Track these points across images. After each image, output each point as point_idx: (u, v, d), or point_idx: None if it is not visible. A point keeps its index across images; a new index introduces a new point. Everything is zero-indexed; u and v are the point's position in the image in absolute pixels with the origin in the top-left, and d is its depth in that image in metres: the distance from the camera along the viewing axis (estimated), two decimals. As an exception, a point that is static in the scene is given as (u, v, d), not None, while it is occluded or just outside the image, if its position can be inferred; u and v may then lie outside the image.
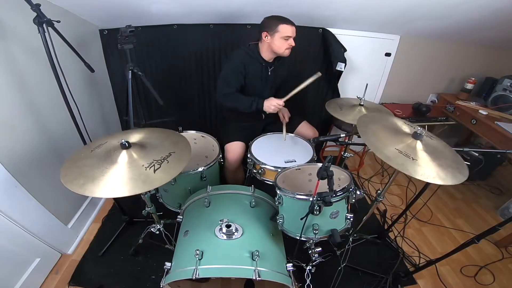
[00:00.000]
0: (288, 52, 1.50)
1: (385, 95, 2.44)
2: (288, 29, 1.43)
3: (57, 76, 1.13)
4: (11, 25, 1.17)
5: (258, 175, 1.46)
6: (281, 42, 1.45)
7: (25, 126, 1.29)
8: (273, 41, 1.46)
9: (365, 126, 1.12)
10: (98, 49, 1.89)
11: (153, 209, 1.29)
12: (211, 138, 1.64)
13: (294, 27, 1.45)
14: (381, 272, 1.51)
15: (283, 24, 1.42)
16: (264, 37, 1.47)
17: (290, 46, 1.48)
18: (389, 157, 0.97)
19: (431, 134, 1.17)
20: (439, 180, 0.93)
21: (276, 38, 1.44)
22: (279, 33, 1.43)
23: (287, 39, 1.45)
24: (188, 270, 0.95)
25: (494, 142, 1.87)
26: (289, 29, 1.43)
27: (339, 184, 1.31)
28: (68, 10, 1.53)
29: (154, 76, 2.04)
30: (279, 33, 1.43)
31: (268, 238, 1.15)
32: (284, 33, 1.43)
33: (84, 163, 0.95)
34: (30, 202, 1.31)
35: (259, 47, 1.54)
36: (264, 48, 1.52)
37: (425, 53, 2.25)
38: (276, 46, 1.47)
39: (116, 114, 2.18)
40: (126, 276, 1.47)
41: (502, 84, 2.06)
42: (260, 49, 1.54)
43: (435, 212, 2.04)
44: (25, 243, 1.32)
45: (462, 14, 1.67)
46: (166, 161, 0.99)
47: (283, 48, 1.47)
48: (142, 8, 1.63)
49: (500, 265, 1.66)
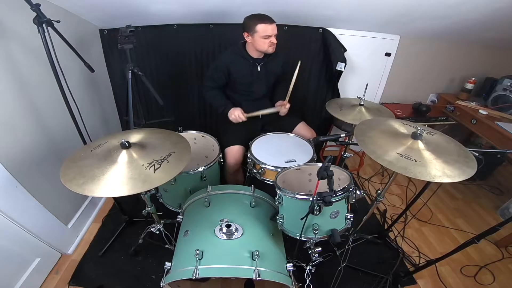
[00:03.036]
0: (272, 49, 1.51)
1: (385, 95, 2.44)
2: (266, 28, 1.42)
3: (57, 76, 1.13)
4: (11, 25, 1.17)
5: (258, 175, 1.46)
6: (262, 41, 1.46)
7: (25, 126, 1.29)
8: (254, 40, 1.47)
9: (363, 135, 1.11)
10: (98, 49, 1.89)
11: (153, 209, 1.29)
12: (211, 138, 1.64)
13: (274, 24, 1.44)
14: (381, 272, 1.51)
15: (260, 24, 1.42)
16: (246, 37, 1.50)
17: (272, 44, 1.48)
18: (391, 163, 0.96)
19: (431, 130, 1.15)
20: (446, 178, 0.90)
21: (256, 37, 1.45)
22: (258, 33, 1.43)
23: (267, 37, 1.45)
24: (188, 270, 0.95)
25: (494, 142, 1.87)
26: (267, 28, 1.42)
27: (339, 184, 1.31)
28: (68, 10, 1.53)
29: (154, 76, 2.04)
30: (257, 33, 1.44)
31: (268, 238, 1.15)
32: (262, 33, 1.43)
33: (84, 163, 0.96)
34: (30, 202, 1.31)
35: (246, 45, 1.58)
36: (249, 46, 1.56)
37: (425, 53, 2.25)
38: (258, 45, 1.49)
39: (116, 114, 2.19)
40: (126, 276, 1.47)
41: (502, 84, 2.05)
42: (247, 47, 1.57)
43: (435, 212, 2.04)
44: (25, 243, 1.32)
45: (462, 14, 1.67)
46: (166, 161, 0.99)
47: (265, 46, 1.48)
48: (142, 8, 1.63)
49: (500, 265, 1.66)
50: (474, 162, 0.98)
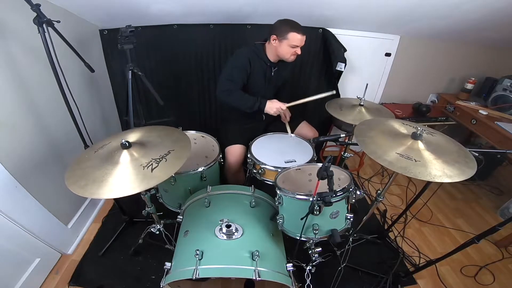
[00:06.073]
0: (293, 58, 1.50)
1: (385, 95, 2.44)
2: (297, 38, 1.41)
3: (57, 76, 1.13)
4: (11, 25, 1.17)
5: (258, 175, 1.46)
6: (288, 49, 1.45)
7: (25, 126, 1.29)
8: (281, 46, 1.45)
9: (363, 135, 1.11)
10: (98, 49, 1.89)
11: (153, 209, 1.29)
12: (211, 138, 1.64)
13: (304, 36, 1.43)
14: (381, 272, 1.51)
15: (293, 33, 1.40)
16: (273, 40, 1.46)
17: (296, 54, 1.48)
18: (391, 163, 0.96)
19: (431, 131, 1.16)
20: (446, 178, 0.91)
21: (284, 44, 1.44)
22: (288, 40, 1.42)
23: (295, 47, 1.44)
24: (188, 270, 0.95)
25: (494, 142, 1.87)
26: (298, 39, 1.41)
27: (339, 184, 1.31)
28: (68, 10, 1.53)
29: (154, 76, 2.03)
30: (287, 40, 1.42)
31: (268, 238, 1.15)
32: (292, 42, 1.42)
33: (86, 165, 0.96)
34: (30, 202, 1.31)
35: (265, 47, 1.54)
36: (270, 49, 1.52)
37: (425, 53, 2.25)
38: (282, 51, 1.47)
39: (116, 114, 2.19)
40: (126, 276, 1.47)
41: (502, 84, 2.05)
42: (266, 49, 1.54)
43: (435, 212, 2.04)
44: (25, 243, 1.32)
45: (462, 14, 1.66)
46: (164, 159, 0.98)
47: (288, 54, 1.47)
48: (142, 8, 1.62)
49: (500, 265, 1.66)
50: (474, 162, 0.98)
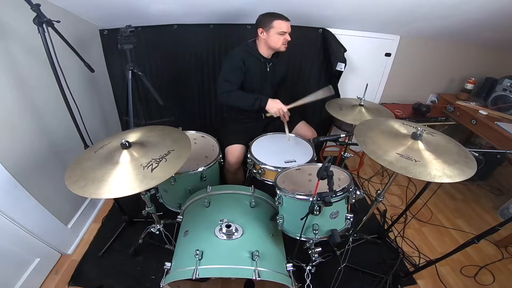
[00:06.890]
0: (284, 47, 1.53)
1: (385, 95, 2.44)
2: (282, 24, 1.45)
3: (57, 76, 1.13)
4: (11, 25, 1.17)
5: (258, 175, 1.46)
6: (277, 38, 1.48)
7: (25, 126, 1.29)
8: (269, 36, 1.49)
9: (363, 135, 1.11)
10: (98, 49, 1.89)
11: (153, 209, 1.29)
12: (211, 138, 1.64)
13: (289, 22, 1.48)
14: (381, 272, 1.51)
15: (277, 20, 1.45)
16: (260, 34, 1.50)
17: (286, 41, 1.51)
18: (391, 163, 0.96)
19: (431, 131, 1.16)
20: (446, 178, 0.91)
21: (272, 33, 1.47)
22: (274, 28, 1.46)
23: (283, 34, 1.48)
24: (188, 270, 0.95)
25: (494, 142, 1.87)
26: (283, 25, 1.46)
27: (339, 184, 1.31)
28: (68, 10, 1.53)
29: (154, 76, 2.04)
30: (274, 28, 1.46)
31: (268, 238, 1.15)
32: (279, 29, 1.45)
33: (86, 165, 0.96)
34: (30, 202, 1.31)
35: (256, 44, 1.57)
36: (261, 44, 1.55)
37: (425, 53, 2.25)
38: (272, 41, 1.50)
39: (116, 114, 2.18)
40: (126, 276, 1.47)
41: (502, 84, 2.05)
42: (258, 45, 1.57)
43: (435, 212, 2.04)
44: (25, 243, 1.31)
45: (462, 14, 1.67)
46: (164, 159, 0.98)
47: (279, 43, 1.50)
48: (142, 8, 1.62)
49: (500, 265, 1.66)
50: (474, 162, 0.98)
